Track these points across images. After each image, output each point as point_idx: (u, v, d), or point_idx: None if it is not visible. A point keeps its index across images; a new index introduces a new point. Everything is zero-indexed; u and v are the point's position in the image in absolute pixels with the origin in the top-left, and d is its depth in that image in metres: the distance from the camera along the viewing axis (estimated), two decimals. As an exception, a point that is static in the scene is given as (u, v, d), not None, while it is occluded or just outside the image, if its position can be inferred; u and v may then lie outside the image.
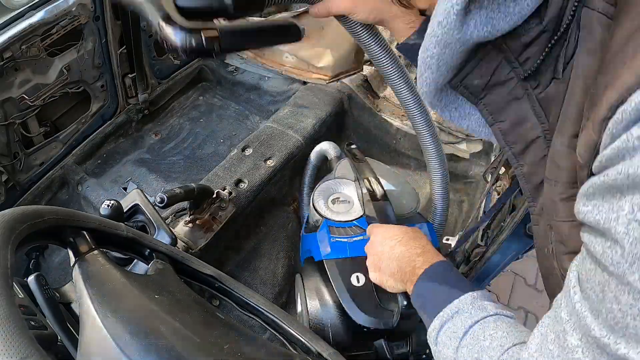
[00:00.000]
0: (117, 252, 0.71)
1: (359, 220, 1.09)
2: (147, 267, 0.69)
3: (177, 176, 1.74)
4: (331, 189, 1.20)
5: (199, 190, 1.32)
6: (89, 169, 1.76)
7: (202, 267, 0.78)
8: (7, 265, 0.43)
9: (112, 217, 0.93)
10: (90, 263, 0.57)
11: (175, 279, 0.69)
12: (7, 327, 0.38)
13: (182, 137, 2.01)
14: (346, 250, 1.02)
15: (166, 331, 0.51)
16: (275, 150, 1.74)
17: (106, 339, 0.46)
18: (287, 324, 0.76)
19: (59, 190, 1.72)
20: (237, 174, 1.60)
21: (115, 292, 0.54)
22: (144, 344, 0.47)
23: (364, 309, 0.92)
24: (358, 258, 0.99)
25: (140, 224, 1.16)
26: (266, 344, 0.65)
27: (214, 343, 0.55)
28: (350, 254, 1.01)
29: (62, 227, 0.57)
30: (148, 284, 0.60)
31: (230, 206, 1.49)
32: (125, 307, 0.51)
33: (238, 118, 2.12)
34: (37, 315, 0.64)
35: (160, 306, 0.55)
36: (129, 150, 1.87)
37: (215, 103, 2.22)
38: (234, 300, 0.79)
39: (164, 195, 1.17)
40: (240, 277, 1.54)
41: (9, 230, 0.46)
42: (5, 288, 0.41)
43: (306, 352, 0.73)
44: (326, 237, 1.04)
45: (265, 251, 1.63)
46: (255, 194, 1.59)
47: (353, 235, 1.06)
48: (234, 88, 2.29)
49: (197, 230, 1.40)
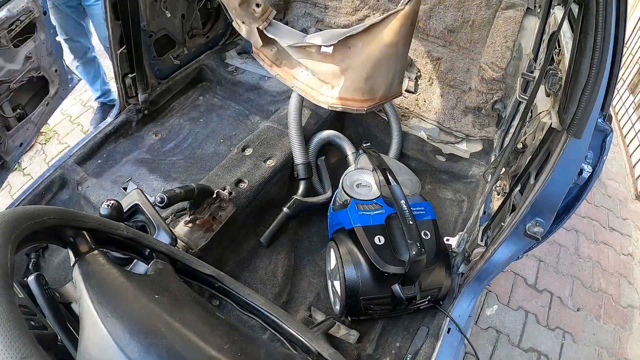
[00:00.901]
0: (117, 252, 0.71)
1: (378, 199, 1.49)
2: (147, 267, 0.69)
3: (177, 176, 1.74)
4: (355, 176, 1.60)
5: (199, 190, 1.32)
6: (89, 169, 1.75)
7: (202, 267, 0.78)
8: (7, 265, 0.43)
9: (112, 217, 0.92)
10: (90, 263, 0.57)
11: (175, 279, 0.69)
12: (7, 327, 0.38)
13: (182, 137, 2.01)
14: (370, 220, 1.42)
15: (166, 331, 0.51)
16: (275, 150, 1.73)
17: (106, 338, 0.46)
18: (287, 324, 0.76)
19: (59, 190, 1.72)
20: (237, 174, 1.60)
21: (115, 292, 0.54)
22: (144, 343, 0.47)
23: (385, 260, 1.31)
24: (378, 225, 1.41)
25: (140, 224, 1.16)
26: (266, 344, 0.65)
27: (213, 343, 0.55)
28: (373, 223, 1.42)
29: (62, 227, 0.57)
30: (148, 284, 0.60)
31: (230, 206, 1.49)
32: (125, 307, 0.51)
33: (238, 118, 2.12)
34: (37, 315, 0.64)
35: (160, 306, 0.55)
36: (129, 150, 1.87)
37: (215, 103, 2.22)
38: (234, 300, 0.79)
39: (164, 195, 1.17)
40: (240, 277, 1.54)
41: (9, 230, 0.46)
42: (5, 288, 0.41)
43: (306, 352, 0.73)
44: (355, 211, 1.45)
45: (265, 251, 1.63)
46: (255, 194, 1.59)
47: (374, 210, 1.46)
48: (234, 88, 2.29)
49: (197, 230, 1.40)
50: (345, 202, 1.50)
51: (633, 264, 2.46)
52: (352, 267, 1.34)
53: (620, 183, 2.97)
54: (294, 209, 1.66)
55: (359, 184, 1.58)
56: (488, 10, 1.91)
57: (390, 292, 1.32)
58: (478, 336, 2.00)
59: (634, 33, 3.49)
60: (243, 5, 1.59)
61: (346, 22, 2.18)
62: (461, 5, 1.95)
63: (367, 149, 1.72)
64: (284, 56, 1.72)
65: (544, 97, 1.39)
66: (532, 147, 1.35)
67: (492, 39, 1.89)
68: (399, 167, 1.70)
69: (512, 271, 2.28)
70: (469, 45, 1.99)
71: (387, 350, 1.41)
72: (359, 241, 1.36)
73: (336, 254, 1.41)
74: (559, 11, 1.47)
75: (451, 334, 1.35)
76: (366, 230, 1.38)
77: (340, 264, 1.36)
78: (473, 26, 1.95)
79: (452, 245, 1.57)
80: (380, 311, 1.38)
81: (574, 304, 2.20)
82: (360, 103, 1.61)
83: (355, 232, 1.38)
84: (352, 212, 1.44)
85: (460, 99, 2.08)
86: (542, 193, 1.08)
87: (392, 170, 1.55)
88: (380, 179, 1.50)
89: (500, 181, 1.66)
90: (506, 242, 1.19)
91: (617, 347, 2.06)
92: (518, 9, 1.85)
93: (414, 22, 1.50)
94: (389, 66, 1.55)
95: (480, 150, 2.04)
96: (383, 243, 1.36)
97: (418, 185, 1.64)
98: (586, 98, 0.94)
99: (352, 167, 1.70)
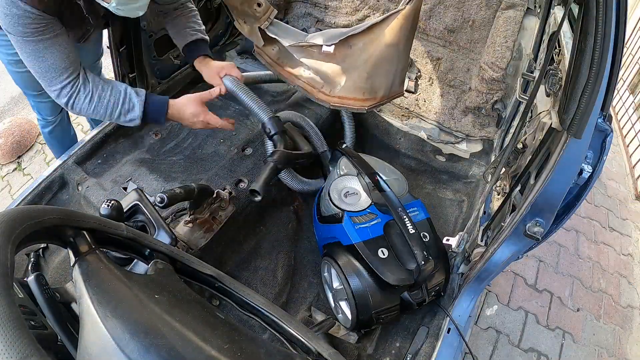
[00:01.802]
0: (117, 252, 0.71)
1: (370, 207, 1.44)
2: (147, 267, 0.69)
3: (177, 176, 1.74)
4: (341, 185, 1.52)
5: (199, 190, 1.32)
6: (89, 169, 1.75)
7: (202, 267, 0.78)
8: (7, 265, 0.43)
9: (112, 217, 0.92)
10: (90, 263, 0.57)
11: (175, 278, 0.69)
12: (7, 327, 0.38)
13: (182, 137, 2.01)
14: (369, 233, 1.37)
15: (166, 331, 0.51)
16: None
17: (106, 338, 0.46)
18: (287, 324, 0.76)
19: (59, 190, 1.72)
20: (237, 174, 1.60)
21: (115, 292, 0.54)
22: (144, 343, 0.47)
23: (393, 272, 1.30)
24: (378, 237, 1.37)
25: (140, 224, 1.16)
26: (266, 343, 0.65)
27: (213, 343, 0.55)
28: (372, 235, 1.37)
29: (62, 227, 0.57)
30: (148, 284, 0.60)
31: (230, 206, 1.49)
32: (125, 306, 0.51)
33: (238, 118, 2.12)
34: (37, 315, 0.64)
35: (160, 306, 0.55)
36: (129, 150, 1.87)
37: (215, 103, 2.22)
38: (234, 300, 0.79)
39: (164, 195, 1.17)
40: (240, 277, 1.54)
41: (9, 229, 0.46)
42: (6, 288, 0.41)
43: (306, 352, 0.73)
44: (352, 226, 1.38)
45: (265, 251, 1.62)
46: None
47: (370, 220, 1.40)
48: (234, 88, 2.28)
49: (197, 230, 1.40)
50: (337, 216, 1.44)
51: (633, 264, 2.46)
52: (358, 282, 1.32)
53: (620, 183, 2.97)
54: (278, 160, 1.45)
55: (346, 192, 1.51)
56: (488, 10, 1.91)
57: (400, 300, 1.34)
58: (478, 336, 2.00)
59: (634, 33, 3.49)
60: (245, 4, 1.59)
61: (346, 22, 2.18)
62: (461, 5, 1.95)
63: (345, 149, 1.65)
64: (285, 55, 1.72)
65: (544, 97, 1.39)
66: (532, 147, 1.35)
67: (492, 39, 1.89)
68: (382, 167, 1.62)
69: (512, 271, 2.28)
70: (469, 45, 1.99)
71: (387, 350, 1.41)
72: (361, 257, 1.33)
73: (337, 270, 1.38)
74: (559, 11, 1.47)
75: (451, 334, 1.35)
76: (368, 245, 1.34)
77: (345, 281, 1.34)
78: (473, 26, 1.95)
79: (452, 245, 1.57)
80: (390, 318, 1.37)
81: (573, 304, 2.20)
82: (361, 102, 1.61)
83: (356, 249, 1.35)
84: (349, 227, 1.39)
85: (460, 99, 2.08)
86: (542, 193, 1.08)
87: (378, 174, 1.50)
88: (369, 183, 1.46)
89: (500, 181, 1.66)
90: (506, 242, 1.19)
91: (617, 347, 2.06)
92: (518, 9, 1.85)
93: (416, 22, 1.50)
94: (390, 66, 1.55)
95: (480, 150, 2.04)
96: (387, 256, 1.33)
97: (405, 184, 1.60)
98: (586, 98, 0.94)
99: (334, 173, 1.62)
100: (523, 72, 1.63)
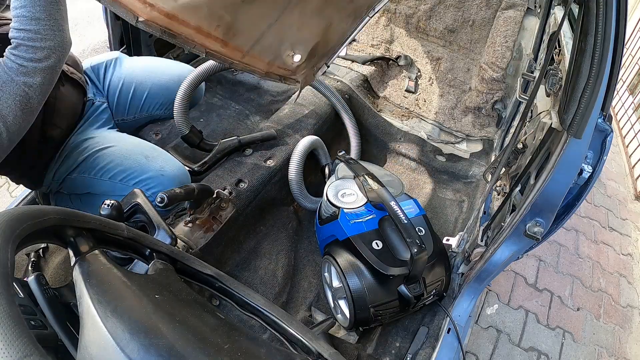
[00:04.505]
0: (117, 252, 0.71)
1: (365, 205, 1.49)
2: (147, 267, 0.69)
3: (177, 176, 1.74)
4: (339, 186, 1.58)
5: (199, 190, 1.32)
6: (89, 168, 1.75)
7: (202, 267, 0.78)
8: (7, 264, 0.43)
9: (112, 217, 0.92)
10: (90, 263, 0.57)
11: (175, 279, 0.69)
12: (7, 326, 0.38)
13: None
14: (363, 227, 1.42)
15: (166, 331, 0.51)
16: (275, 150, 1.73)
17: (106, 338, 0.46)
18: (287, 324, 0.76)
19: (59, 190, 1.72)
20: (237, 174, 1.60)
21: (115, 291, 0.54)
22: (144, 343, 0.47)
23: (388, 263, 1.31)
24: (372, 230, 1.41)
25: (140, 224, 1.15)
26: (266, 343, 0.65)
27: (213, 343, 0.55)
28: (367, 229, 1.41)
29: (62, 226, 0.56)
30: (148, 284, 0.60)
31: (230, 206, 1.49)
32: (126, 306, 0.51)
33: (238, 118, 2.12)
34: (37, 315, 0.64)
35: (160, 306, 0.55)
36: (129, 150, 1.87)
37: (215, 103, 2.22)
38: (234, 300, 0.79)
39: (164, 195, 1.17)
40: (240, 277, 1.54)
41: (9, 229, 0.46)
42: (6, 288, 0.41)
43: (306, 352, 0.73)
44: (347, 221, 1.43)
45: (265, 251, 1.62)
46: (255, 194, 1.59)
47: (365, 216, 1.45)
48: (234, 87, 2.28)
49: (197, 230, 1.40)
50: (334, 214, 1.49)
51: (633, 264, 2.46)
52: (356, 277, 1.33)
53: (620, 183, 2.97)
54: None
55: (343, 193, 1.56)
56: (488, 10, 1.91)
57: (397, 295, 1.33)
58: (479, 335, 2.00)
59: (634, 33, 3.49)
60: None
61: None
62: (461, 5, 1.95)
63: (343, 157, 1.71)
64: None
65: (544, 97, 1.39)
66: (532, 147, 1.35)
67: (492, 39, 1.89)
68: (378, 170, 1.69)
69: (512, 270, 2.28)
70: (469, 45, 1.99)
71: (387, 350, 1.41)
72: (356, 250, 1.36)
73: (336, 268, 1.39)
74: (559, 11, 1.47)
75: (451, 334, 1.35)
76: (362, 238, 1.37)
77: (342, 276, 1.35)
78: (473, 26, 1.95)
79: (452, 245, 1.57)
80: (389, 316, 1.37)
81: (574, 303, 2.20)
82: (204, 39, 1.02)
83: (351, 242, 1.37)
84: (344, 222, 1.43)
85: (461, 99, 2.08)
86: (542, 193, 1.08)
87: (373, 174, 1.55)
88: (365, 184, 1.50)
89: (500, 181, 1.66)
90: (506, 242, 1.19)
91: (616, 346, 2.06)
92: (518, 9, 1.85)
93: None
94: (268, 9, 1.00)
95: (480, 150, 2.04)
96: (381, 247, 1.35)
97: (401, 185, 1.64)
98: (586, 98, 0.94)
99: (332, 178, 1.66)
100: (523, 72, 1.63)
